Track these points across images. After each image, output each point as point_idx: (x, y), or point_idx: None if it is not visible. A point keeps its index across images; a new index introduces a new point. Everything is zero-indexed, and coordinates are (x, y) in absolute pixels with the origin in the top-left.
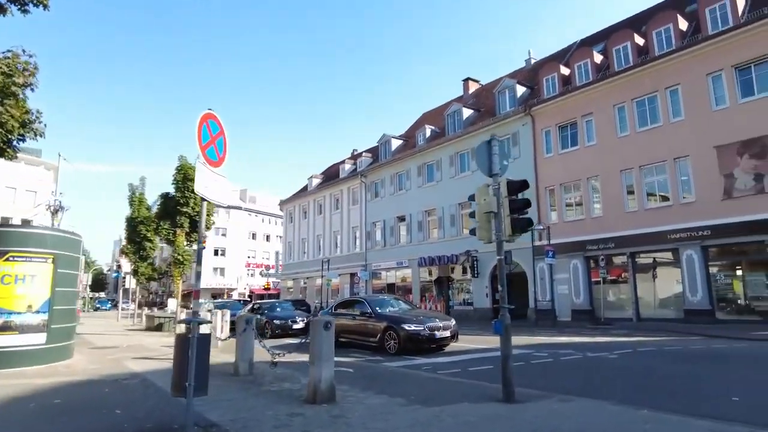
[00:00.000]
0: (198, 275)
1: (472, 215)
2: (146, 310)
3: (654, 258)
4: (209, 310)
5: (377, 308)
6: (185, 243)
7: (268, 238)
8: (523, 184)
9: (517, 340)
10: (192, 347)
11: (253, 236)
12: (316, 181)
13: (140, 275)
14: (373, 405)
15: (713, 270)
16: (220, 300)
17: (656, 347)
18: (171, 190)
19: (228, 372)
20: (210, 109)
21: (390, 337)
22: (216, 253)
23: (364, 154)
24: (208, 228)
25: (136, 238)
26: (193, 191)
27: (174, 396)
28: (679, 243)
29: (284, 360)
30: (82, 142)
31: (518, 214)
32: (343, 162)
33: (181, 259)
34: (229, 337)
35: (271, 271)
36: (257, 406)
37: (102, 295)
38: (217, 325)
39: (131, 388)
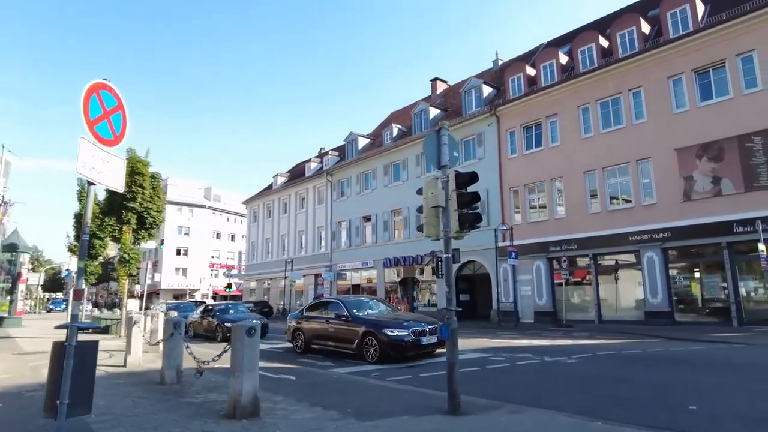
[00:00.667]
0: (80, 272)
1: (420, 210)
2: (95, 312)
3: (616, 260)
4: (163, 312)
5: (354, 311)
6: (132, 240)
7: (233, 237)
8: (473, 177)
9: (477, 342)
10: (68, 357)
11: (218, 236)
12: (281, 180)
13: (89, 275)
14: (301, 420)
15: (673, 272)
16: (174, 302)
17: (615, 351)
18: None
19: (155, 381)
20: (105, 79)
21: (369, 343)
22: (178, 252)
23: (330, 152)
24: (157, 225)
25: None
26: (141, 185)
27: (45, 417)
28: (640, 245)
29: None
30: (40, 137)
31: (467, 209)
32: (309, 160)
33: (128, 258)
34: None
35: (234, 271)
36: (165, 423)
37: (59, 295)
38: (149, 328)
39: (28, 403)
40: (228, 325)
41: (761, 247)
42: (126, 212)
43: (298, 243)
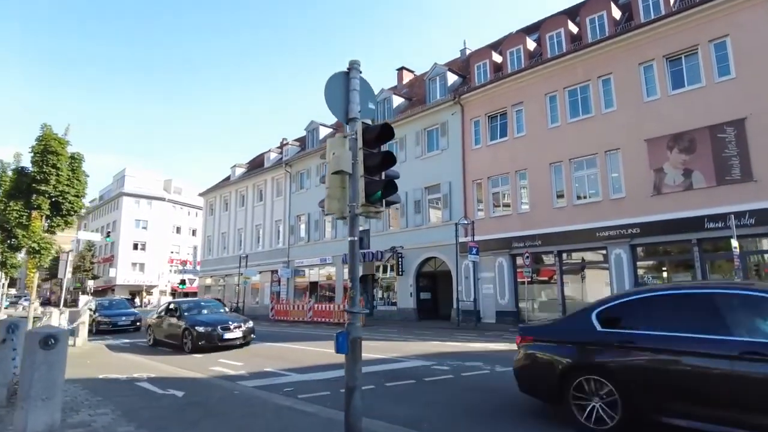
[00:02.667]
0: None
1: (323, 180)
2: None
3: (582, 257)
4: (90, 309)
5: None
6: (44, 228)
7: (194, 232)
8: (385, 130)
9: (426, 347)
10: None
11: (178, 230)
12: (240, 171)
13: (9, 268)
14: None
15: (641, 271)
16: (107, 298)
17: None
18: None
19: None
20: None
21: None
22: (135, 247)
23: (291, 142)
24: (75, 211)
25: (5, 224)
26: (54, 166)
27: None
28: (607, 241)
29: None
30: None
31: (375, 175)
32: (269, 151)
33: (37, 248)
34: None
35: (189, 267)
36: None
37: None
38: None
39: None
40: (200, 329)
41: (734, 243)
42: (36, 196)
43: (255, 238)
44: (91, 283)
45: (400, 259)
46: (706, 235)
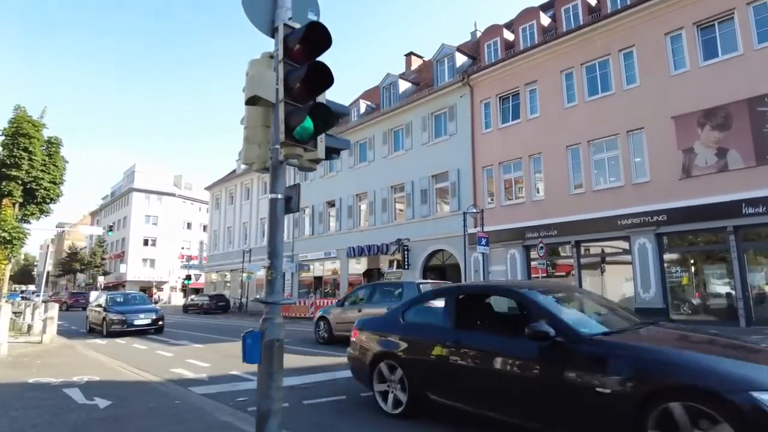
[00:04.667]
0: None
1: (242, 122)
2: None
3: (602, 248)
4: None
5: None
6: (17, 216)
7: (204, 228)
8: (313, 30)
9: None
10: None
11: (188, 226)
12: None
13: None
14: None
15: (668, 262)
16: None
17: None
18: None
19: None
20: None
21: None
22: (146, 243)
23: None
24: (51, 199)
25: None
26: (26, 150)
27: None
28: (630, 230)
29: None
30: None
31: (303, 100)
32: None
33: (9, 237)
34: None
35: (195, 262)
36: None
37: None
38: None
39: None
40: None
41: None
42: (7, 182)
43: (260, 232)
44: (101, 279)
45: (406, 253)
46: (744, 222)
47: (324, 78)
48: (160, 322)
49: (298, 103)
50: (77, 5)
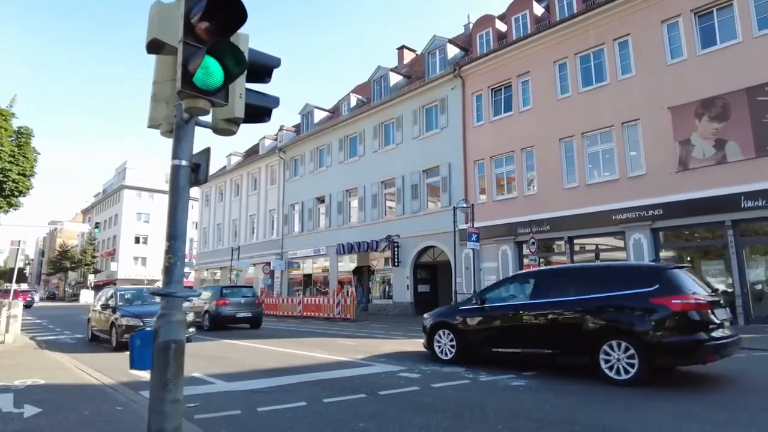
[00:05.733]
0: None
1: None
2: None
3: (596, 244)
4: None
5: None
6: None
7: (197, 225)
8: None
9: (410, 345)
10: None
11: None
12: (236, 159)
13: None
14: None
15: (664, 258)
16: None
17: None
18: None
19: None
20: None
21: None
22: (137, 240)
23: (286, 128)
24: (20, 192)
25: None
26: None
27: None
28: (625, 225)
29: None
30: None
31: (205, 40)
32: (264, 138)
33: None
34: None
35: (185, 260)
36: None
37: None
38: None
39: None
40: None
41: None
42: None
43: (249, 228)
44: (92, 278)
45: (396, 249)
46: (743, 216)
47: (231, 13)
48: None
49: (200, 44)
50: None
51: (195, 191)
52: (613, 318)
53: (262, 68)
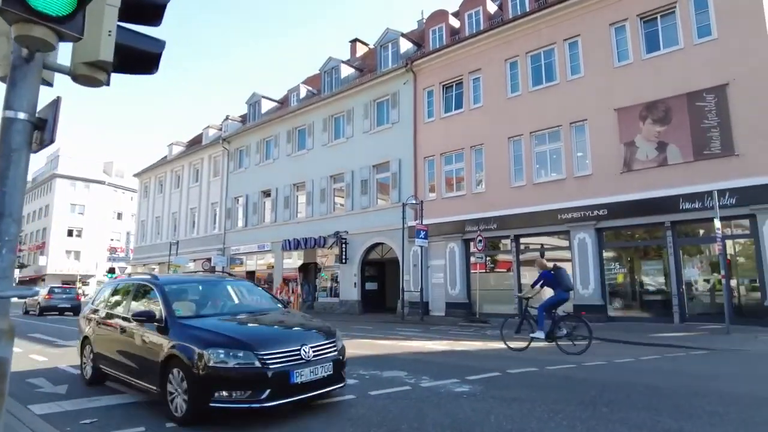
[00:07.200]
0: None
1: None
2: None
3: (542, 243)
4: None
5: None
6: None
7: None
8: None
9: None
10: None
11: (119, 216)
12: (178, 150)
13: None
14: None
15: (607, 258)
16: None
17: (537, 366)
18: None
19: None
20: None
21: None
22: (70, 233)
23: (231, 118)
24: None
25: None
26: None
27: None
28: (570, 224)
29: None
30: None
31: None
32: (208, 127)
33: None
34: None
35: (121, 254)
36: None
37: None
38: None
39: None
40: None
41: (717, 224)
42: None
43: (190, 222)
44: (17, 273)
45: (344, 246)
46: (681, 217)
47: None
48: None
49: None
50: None
51: (133, 181)
52: None
53: (145, 1)
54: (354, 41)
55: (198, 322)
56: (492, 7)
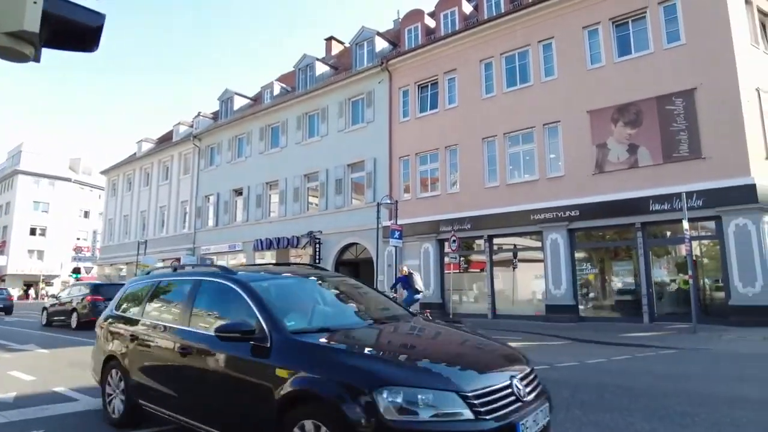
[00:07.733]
0: None
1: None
2: None
3: (515, 244)
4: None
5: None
6: None
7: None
8: None
9: None
10: None
11: (86, 214)
12: (147, 147)
13: None
14: None
15: (579, 258)
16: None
17: None
18: None
19: None
20: None
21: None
22: (33, 232)
23: (203, 114)
24: None
25: None
26: None
27: None
28: (543, 225)
29: None
30: None
31: None
32: (179, 124)
33: None
34: None
35: (87, 254)
36: None
37: None
38: None
39: None
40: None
41: (685, 225)
42: None
43: (159, 221)
44: None
45: (318, 246)
46: (650, 219)
47: None
48: None
49: None
50: None
51: (101, 179)
52: None
53: None
54: (329, 39)
55: (329, 341)
56: (468, 8)
